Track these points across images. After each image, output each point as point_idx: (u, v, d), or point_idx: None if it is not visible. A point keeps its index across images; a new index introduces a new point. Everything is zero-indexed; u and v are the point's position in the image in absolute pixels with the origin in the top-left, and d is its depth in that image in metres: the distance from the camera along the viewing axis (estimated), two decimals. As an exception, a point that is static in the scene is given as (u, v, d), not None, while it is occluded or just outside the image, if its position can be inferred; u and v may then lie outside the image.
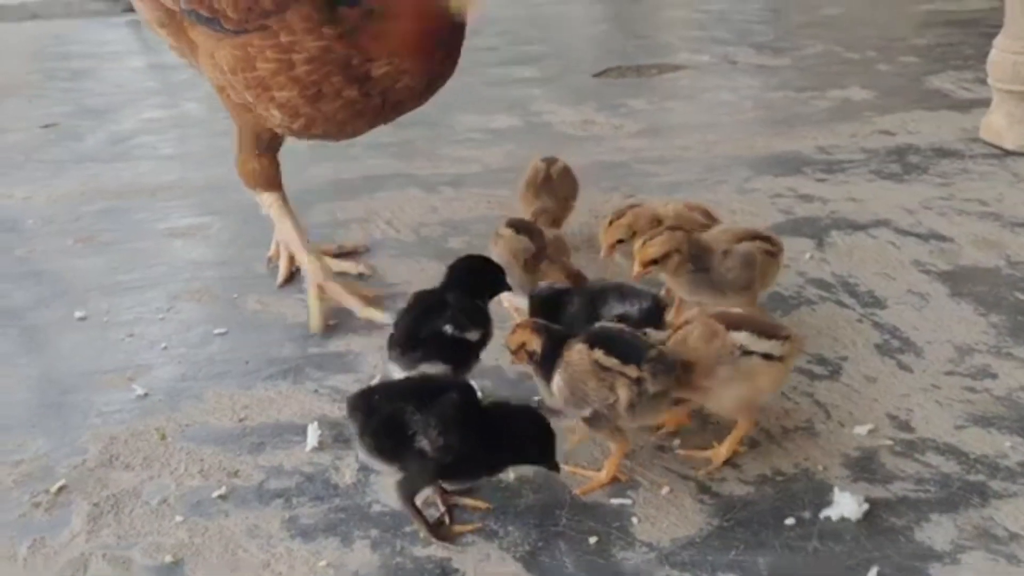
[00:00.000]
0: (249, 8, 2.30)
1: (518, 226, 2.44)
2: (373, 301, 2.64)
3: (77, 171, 3.97)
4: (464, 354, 2.02)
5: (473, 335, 2.02)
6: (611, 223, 2.39)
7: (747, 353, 1.83)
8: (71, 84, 5.56)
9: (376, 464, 1.78)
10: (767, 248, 2.30)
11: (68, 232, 3.31)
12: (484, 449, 1.75)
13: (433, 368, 1.97)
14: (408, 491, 1.78)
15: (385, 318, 2.48)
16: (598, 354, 1.81)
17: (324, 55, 2.28)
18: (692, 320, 1.89)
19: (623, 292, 2.10)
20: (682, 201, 2.58)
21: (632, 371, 1.79)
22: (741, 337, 1.83)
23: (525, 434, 1.78)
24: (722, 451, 1.93)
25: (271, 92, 2.37)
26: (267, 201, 2.75)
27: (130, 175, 3.91)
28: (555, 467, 1.81)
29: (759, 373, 1.84)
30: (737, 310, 1.98)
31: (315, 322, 2.56)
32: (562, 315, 2.08)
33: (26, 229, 3.38)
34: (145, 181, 3.81)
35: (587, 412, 1.83)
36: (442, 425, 1.70)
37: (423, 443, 1.71)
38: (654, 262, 2.16)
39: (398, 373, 2.01)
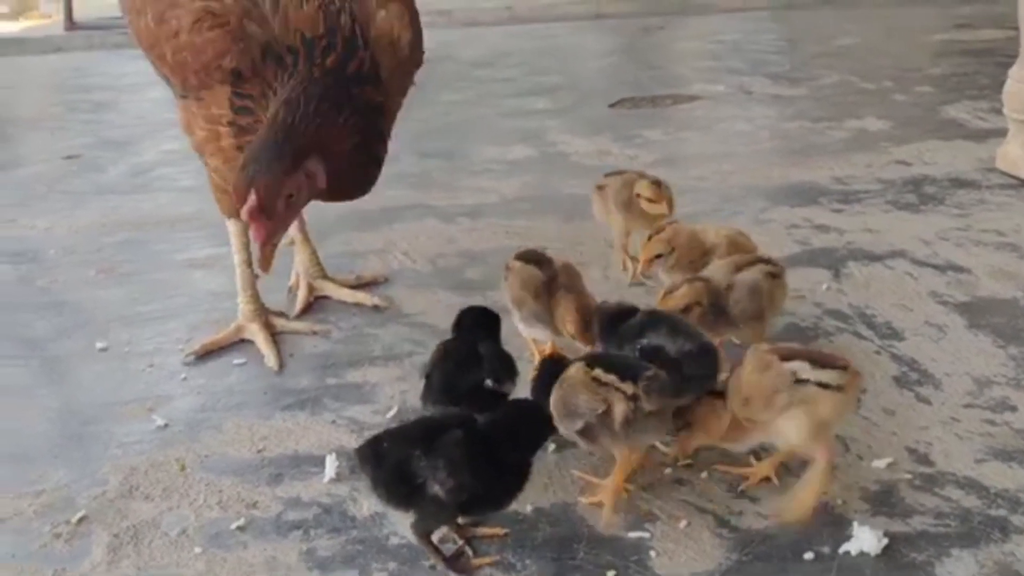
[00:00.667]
0: (182, 82, 2.37)
1: (527, 257, 2.43)
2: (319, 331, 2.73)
3: (98, 202, 4.02)
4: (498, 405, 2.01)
5: (510, 388, 2.03)
6: (650, 238, 2.50)
7: (801, 381, 1.80)
8: (93, 116, 5.64)
9: (394, 511, 1.77)
10: (770, 271, 2.30)
11: (89, 263, 3.35)
12: (497, 478, 1.74)
13: None
14: (423, 530, 1.78)
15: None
16: (597, 371, 1.85)
17: (246, 133, 2.28)
18: (745, 357, 1.88)
19: (676, 328, 2.01)
20: (734, 228, 2.61)
21: (628, 387, 1.81)
22: (794, 366, 1.81)
23: (524, 430, 1.79)
24: (807, 496, 1.84)
25: (205, 157, 2.46)
26: (231, 229, 2.74)
27: (150, 206, 3.95)
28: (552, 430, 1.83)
29: (818, 402, 1.80)
30: (792, 344, 1.97)
31: (271, 359, 2.58)
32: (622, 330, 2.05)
33: (48, 260, 3.42)
34: (165, 212, 3.86)
35: (579, 425, 1.85)
36: (450, 467, 1.69)
37: (435, 488, 1.70)
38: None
39: None
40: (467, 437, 1.74)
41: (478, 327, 2.14)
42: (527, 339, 2.47)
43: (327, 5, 2.30)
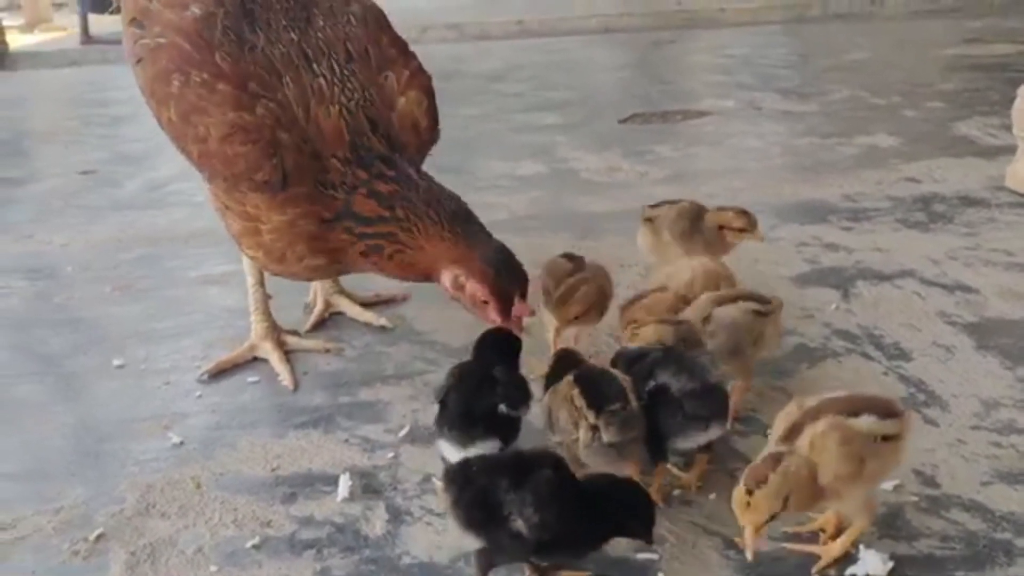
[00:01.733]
0: (210, 178, 2.33)
1: (562, 254, 2.63)
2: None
3: (114, 217, 4.07)
4: (515, 429, 2.05)
5: (524, 412, 2.06)
6: (625, 309, 2.43)
7: (888, 439, 1.76)
8: (108, 130, 5.70)
9: (468, 537, 1.76)
10: (755, 308, 2.28)
11: (105, 279, 3.39)
12: (581, 526, 1.72)
13: (487, 445, 1.98)
14: (486, 562, 1.77)
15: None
16: (575, 391, 1.92)
17: (289, 228, 2.28)
18: (801, 420, 1.77)
19: (681, 365, 2.03)
20: (702, 266, 2.53)
21: (591, 416, 1.87)
22: (864, 423, 1.75)
23: (624, 507, 1.75)
24: (835, 548, 1.83)
25: (242, 246, 2.44)
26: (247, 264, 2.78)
27: (165, 221, 4.00)
28: (650, 540, 1.78)
29: (886, 456, 1.77)
30: (840, 392, 1.87)
31: (286, 378, 2.62)
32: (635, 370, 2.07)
33: (64, 276, 3.47)
34: (180, 228, 3.90)
35: (558, 438, 1.96)
36: (537, 503, 1.68)
37: (518, 522, 1.69)
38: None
39: (449, 450, 2.02)
40: (559, 479, 1.73)
41: (495, 350, 2.17)
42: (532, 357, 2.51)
43: (346, 109, 2.28)
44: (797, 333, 2.72)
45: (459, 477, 1.77)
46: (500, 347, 2.18)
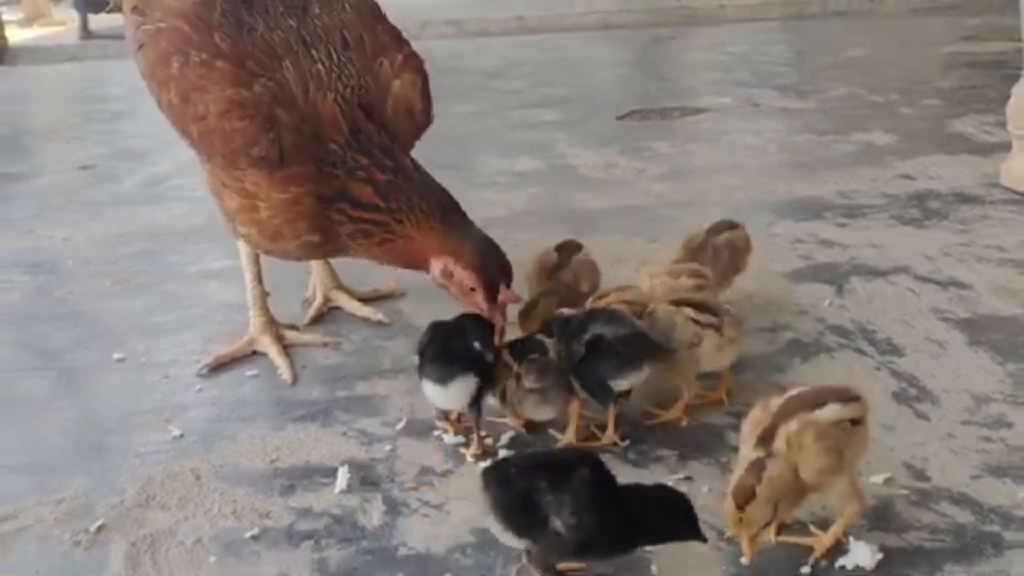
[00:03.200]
0: (210, 157, 2.37)
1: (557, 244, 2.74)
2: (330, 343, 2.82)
3: (115, 213, 4.09)
4: (488, 367, 2.21)
5: (490, 356, 2.22)
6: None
7: (854, 423, 1.81)
8: (108, 126, 5.73)
9: (507, 540, 1.76)
10: (695, 317, 2.28)
11: (106, 274, 3.42)
12: (619, 527, 1.72)
13: (466, 381, 2.15)
14: (546, 562, 1.79)
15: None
16: (505, 352, 2.21)
17: (290, 207, 2.32)
18: (773, 422, 1.80)
19: (611, 317, 2.25)
20: (664, 269, 2.57)
21: (515, 366, 2.15)
22: (830, 412, 1.79)
23: (666, 512, 1.75)
24: (828, 538, 1.85)
25: (235, 224, 2.47)
26: (242, 246, 2.79)
27: (165, 217, 4.02)
28: (702, 538, 1.77)
29: (857, 441, 1.82)
30: (803, 388, 1.91)
31: (285, 371, 2.65)
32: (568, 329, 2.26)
33: (65, 271, 3.50)
34: (179, 223, 3.93)
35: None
36: (576, 505, 1.68)
37: (557, 523, 1.69)
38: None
39: (432, 389, 2.19)
40: (598, 479, 1.73)
41: (469, 318, 2.31)
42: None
43: (342, 96, 2.31)
44: (791, 328, 2.75)
45: (497, 478, 1.76)
46: (468, 316, 2.32)
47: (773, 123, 5.06)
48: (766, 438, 1.79)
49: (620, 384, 2.20)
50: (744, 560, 1.78)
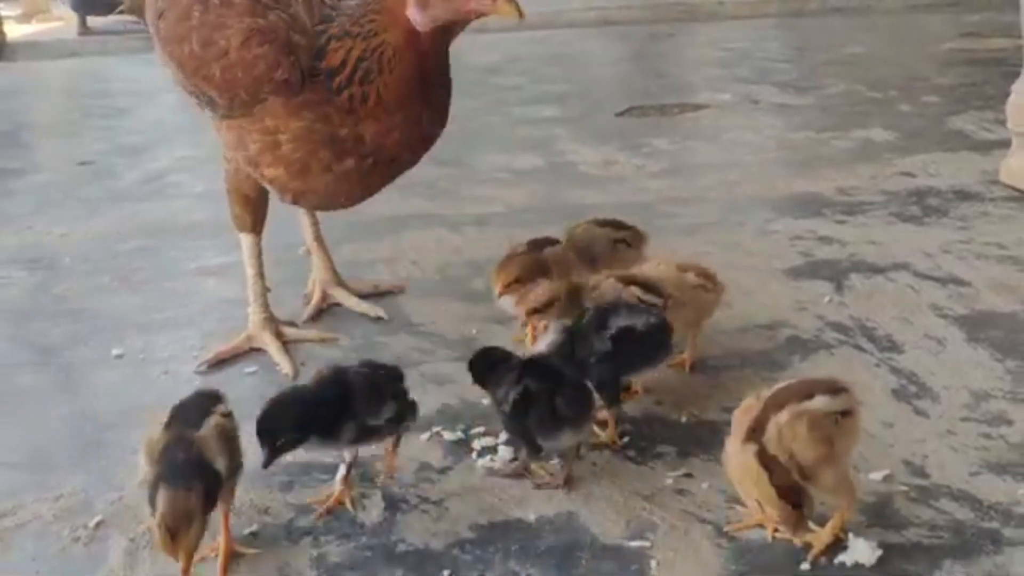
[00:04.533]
0: (231, 100, 2.44)
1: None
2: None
3: (113, 209, 4.09)
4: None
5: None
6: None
7: (844, 415, 1.81)
8: (107, 122, 5.72)
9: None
10: (642, 297, 2.32)
11: (104, 270, 3.41)
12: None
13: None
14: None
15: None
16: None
17: (308, 135, 2.38)
18: (766, 416, 1.81)
19: (632, 309, 2.25)
20: (674, 262, 2.54)
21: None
22: (819, 403, 1.80)
23: None
24: (825, 534, 1.85)
25: (261, 169, 2.49)
26: (244, 242, 2.84)
27: (164, 213, 4.02)
28: None
29: (849, 433, 1.83)
30: (792, 380, 1.94)
31: (285, 367, 2.66)
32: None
33: (63, 267, 3.49)
34: (178, 219, 3.93)
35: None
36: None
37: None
38: (536, 311, 2.31)
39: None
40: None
41: None
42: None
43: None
44: (790, 325, 2.74)
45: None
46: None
47: (772, 120, 5.06)
48: (756, 429, 1.79)
49: (637, 377, 2.23)
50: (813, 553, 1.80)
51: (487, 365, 2.12)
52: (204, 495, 1.76)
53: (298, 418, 1.92)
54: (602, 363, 2.16)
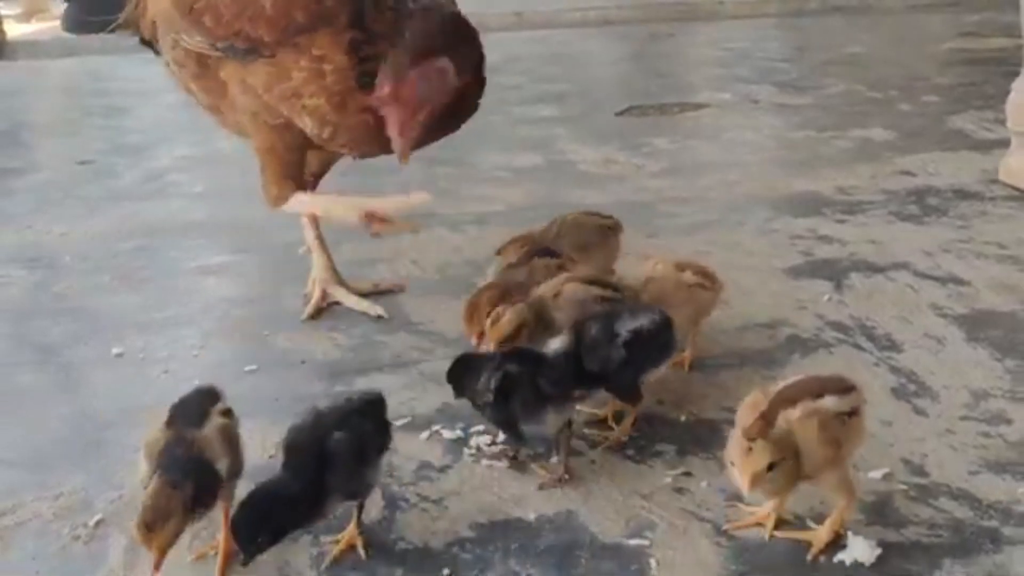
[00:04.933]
0: (284, 28, 2.51)
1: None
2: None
3: (113, 208, 4.09)
4: None
5: None
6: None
7: (852, 415, 1.81)
8: (107, 121, 5.72)
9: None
10: (602, 295, 2.33)
11: (104, 269, 3.41)
12: None
13: None
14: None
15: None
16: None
17: (349, 72, 2.48)
18: (775, 411, 1.79)
19: (635, 311, 2.25)
20: (672, 261, 2.54)
21: None
22: (829, 403, 1.79)
23: None
24: (824, 532, 1.85)
25: (303, 100, 2.55)
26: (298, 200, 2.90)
27: (163, 212, 4.02)
28: None
29: (853, 434, 1.83)
30: (800, 377, 1.93)
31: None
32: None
33: (63, 266, 3.49)
34: (177, 219, 3.93)
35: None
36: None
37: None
38: (507, 340, 2.25)
39: None
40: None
41: None
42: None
43: None
44: (790, 324, 2.75)
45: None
46: None
47: (772, 119, 5.06)
48: (762, 430, 1.77)
49: (651, 376, 2.23)
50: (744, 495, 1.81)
51: (463, 369, 2.11)
52: (193, 495, 1.75)
53: (275, 519, 1.78)
54: (620, 370, 2.15)
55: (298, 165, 2.82)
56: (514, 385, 2.02)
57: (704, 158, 4.45)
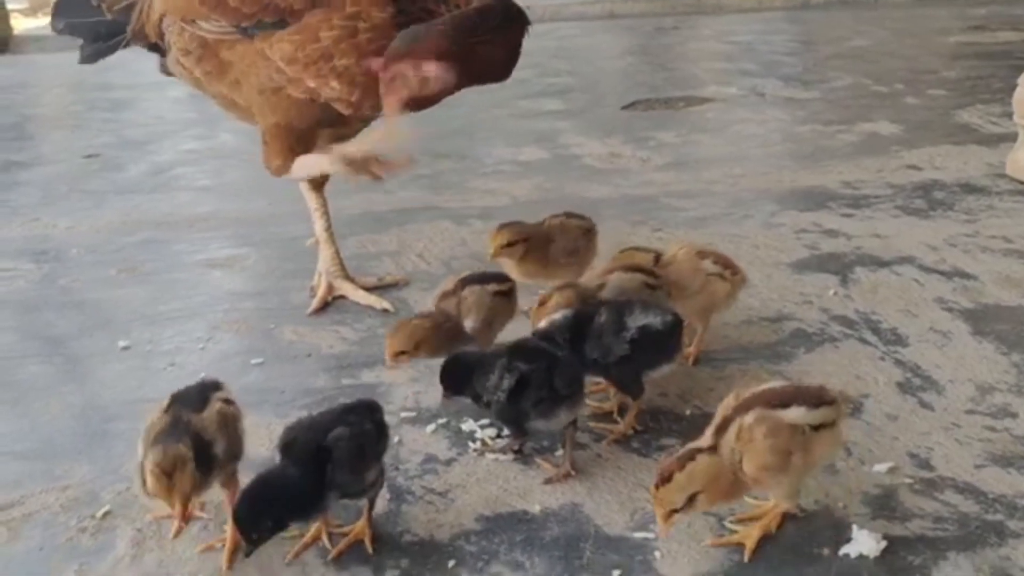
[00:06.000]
0: None
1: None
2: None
3: (119, 202, 4.10)
4: None
5: None
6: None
7: (804, 430, 1.79)
8: (112, 115, 5.72)
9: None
10: (647, 281, 2.39)
11: (110, 262, 3.42)
12: None
13: None
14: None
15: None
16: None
17: (386, 28, 2.47)
18: (736, 413, 1.81)
19: (647, 306, 2.25)
20: (696, 248, 2.55)
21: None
22: (793, 415, 1.79)
23: None
24: (753, 534, 1.86)
25: (332, 62, 2.54)
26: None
27: (169, 206, 4.03)
28: None
29: (815, 446, 1.81)
30: (779, 382, 1.97)
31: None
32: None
33: (70, 259, 3.50)
34: (183, 212, 3.93)
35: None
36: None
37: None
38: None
39: None
40: None
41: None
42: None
43: None
44: (795, 318, 2.75)
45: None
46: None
47: (778, 113, 5.05)
48: (721, 428, 1.80)
49: (654, 375, 2.22)
50: (659, 532, 1.82)
51: (463, 370, 2.10)
52: (196, 457, 1.78)
53: (276, 508, 1.79)
54: (622, 363, 2.17)
55: (309, 142, 2.80)
56: (527, 385, 2.02)
57: (709, 152, 4.44)
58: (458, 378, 2.10)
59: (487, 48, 2.47)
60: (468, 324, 2.36)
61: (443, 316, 2.37)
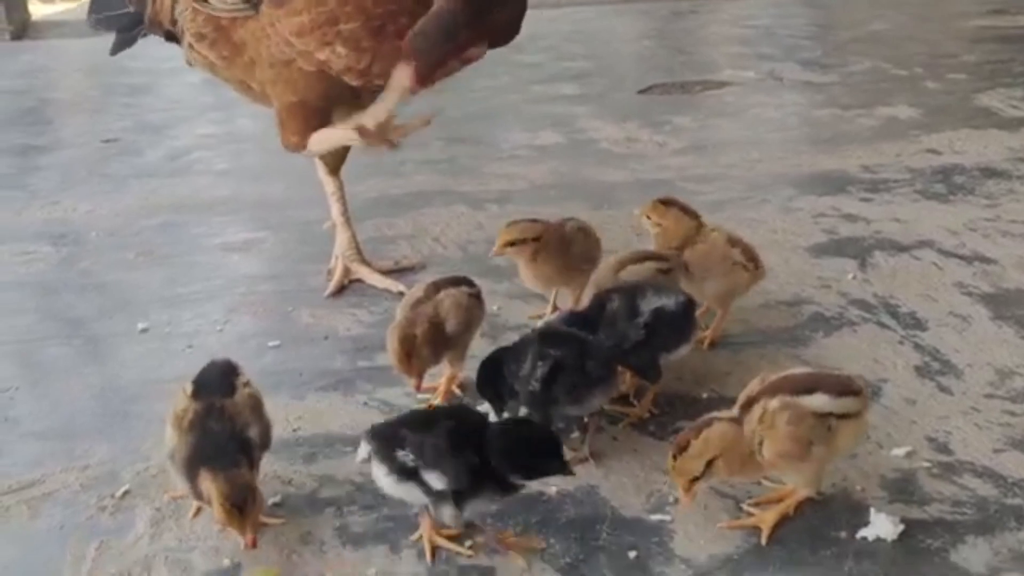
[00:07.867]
0: None
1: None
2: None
3: (137, 185, 4.11)
4: None
5: None
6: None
7: (827, 418, 1.79)
8: (130, 99, 5.73)
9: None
10: (659, 267, 2.43)
11: (129, 245, 3.44)
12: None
13: None
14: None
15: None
16: None
17: None
18: (762, 395, 1.82)
19: (659, 290, 2.26)
20: (727, 234, 2.55)
21: None
22: (817, 402, 1.78)
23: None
24: (769, 518, 1.86)
25: (338, 26, 2.49)
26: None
27: (187, 190, 4.04)
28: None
29: (840, 435, 1.81)
30: (802, 369, 1.98)
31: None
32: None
33: (89, 242, 3.52)
34: (201, 196, 3.94)
35: None
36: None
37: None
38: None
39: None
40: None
41: None
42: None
43: None
44: (814, 302, 2.74)
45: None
46: None
47: (796, 97, 5.01)
48: (746, 406, 1.81)
49: (672, 357, 2.23)
50: (681, 504, 1.85)
51: (494, 368, 2.10)
52: (250, 466, 1.83)
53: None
54: (638, 348, 2.17)
55: (324, 119, 2.77)
56: (560, 371, 2.01)
57: (727, 136, 4.42)
58: (493, 380, 2.10)
59: (502, 12, 2.52)
60: (449, 326, 2.31)
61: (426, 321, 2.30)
